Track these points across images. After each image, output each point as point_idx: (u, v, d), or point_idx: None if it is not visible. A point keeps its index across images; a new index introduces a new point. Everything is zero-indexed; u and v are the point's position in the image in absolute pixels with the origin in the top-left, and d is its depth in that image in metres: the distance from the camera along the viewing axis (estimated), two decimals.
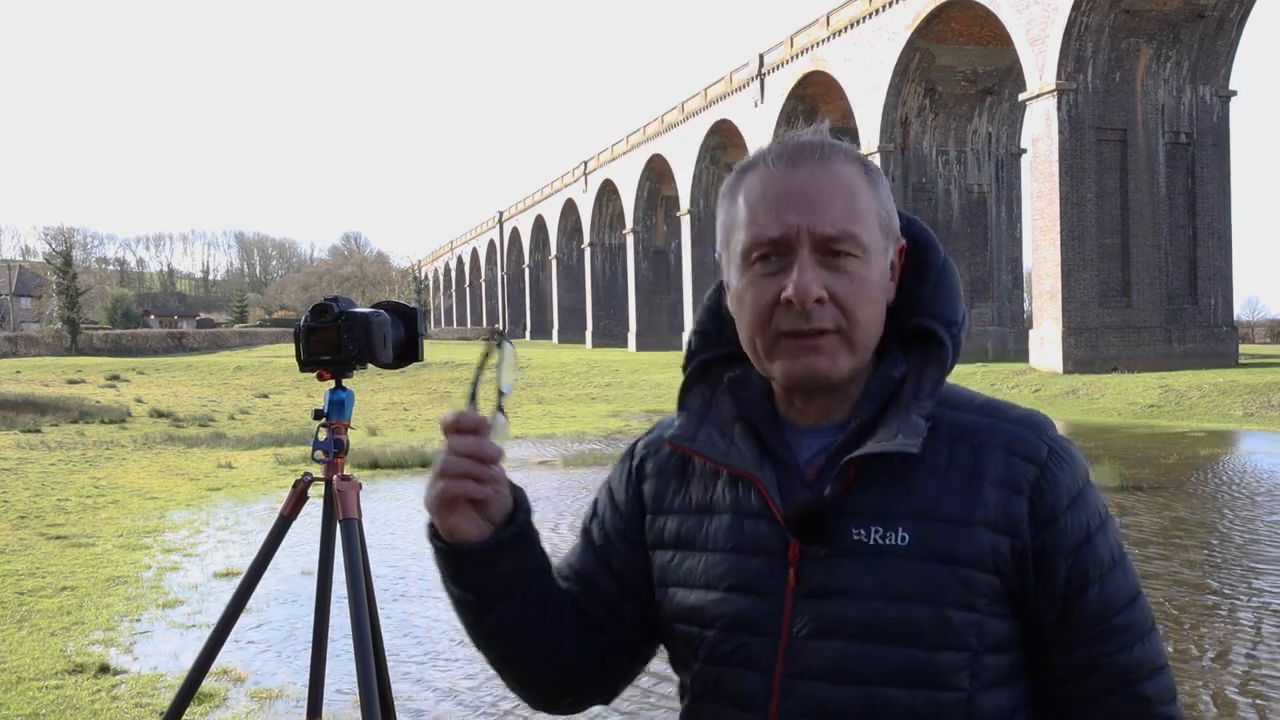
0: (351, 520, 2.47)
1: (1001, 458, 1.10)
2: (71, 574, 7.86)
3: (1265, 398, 20.76)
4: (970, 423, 1.13)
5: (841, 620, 1.08)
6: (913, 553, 1.07)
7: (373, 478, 13.49)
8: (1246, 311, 75.93)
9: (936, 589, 1.07)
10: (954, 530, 1.08)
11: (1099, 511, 1.13)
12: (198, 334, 73.12)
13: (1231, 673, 5.39)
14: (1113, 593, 1.11)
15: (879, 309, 1.13)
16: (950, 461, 1.10)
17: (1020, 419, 1.14)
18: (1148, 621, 1.13)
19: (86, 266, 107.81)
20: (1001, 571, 1.08)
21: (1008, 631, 1.10)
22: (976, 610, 1.08)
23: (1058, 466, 1.11)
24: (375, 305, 2.54)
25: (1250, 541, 8.71)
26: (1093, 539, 1.11)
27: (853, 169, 1.12)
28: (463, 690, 5.28)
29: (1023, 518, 1.09)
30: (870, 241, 1.11)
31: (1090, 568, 1.10)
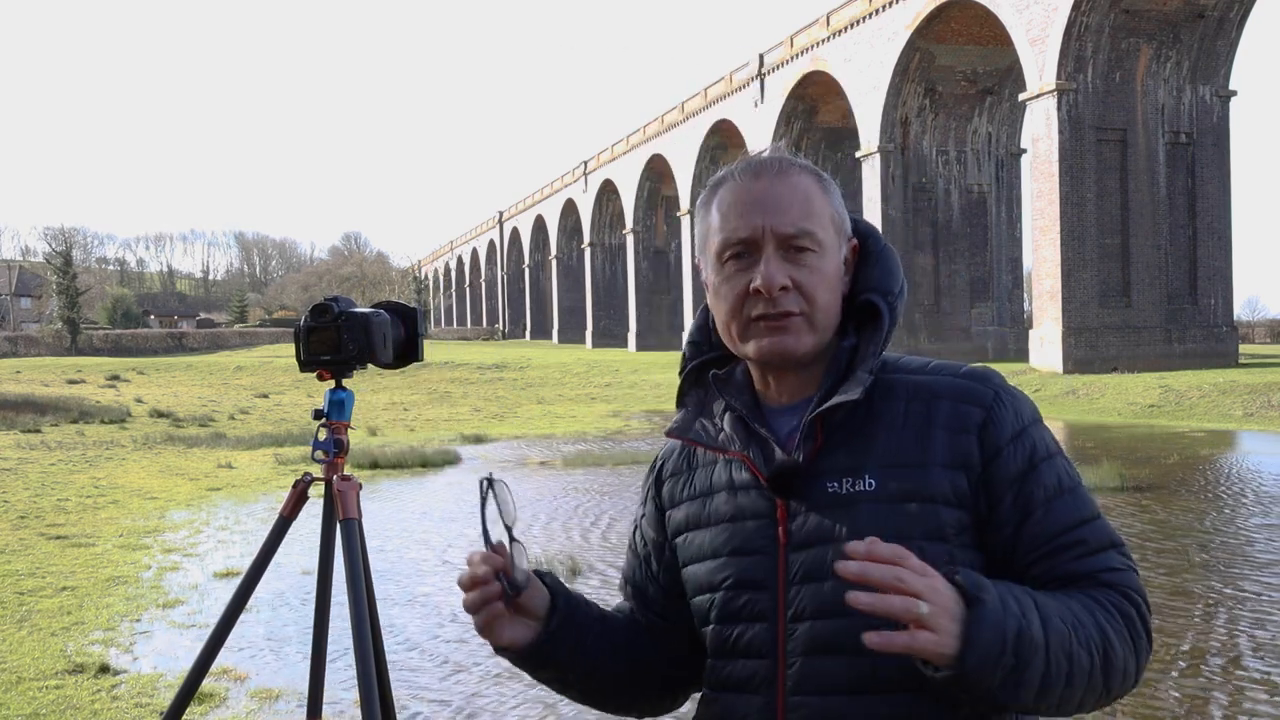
0: (351, 520, 2.47)
1: (950, 405, 1.27)
2: (71, 574, 7.86)
3: (1265, 398, 20.76)
4: (923, 381, 1.30)
5: (823, 564, 1.22)
6: (879, 495, 1.23)
7: (373, 478, 13.49)
8: (1246, 311, 76.01)
9: (905, 524, 1.21)
10: (913, 472, 1.24)
11: (1045, 446, 1.27)
12: (198, 334, 73.13)
13: (1231, 672, 5.39)
14: (1060, 515, 1.23)
15: (835, 296, 1.32)
16: (906, 416, 1.27)
17: (968, 373, 1.31)
18: (1104, 540, 1.24)
19: (86, 266, 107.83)
20: (963, 504, 1.24)
21: (977, 562, 1.23)
22: (946, 541, 1.22)
23: (1001, 407, 1.27)
24: (375, 305, 2.53)
25: (1250, 541, 8.71)
26: (1036, 468, 1.24)
27: (808, 179, 1.32)
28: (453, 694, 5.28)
29: (973, 453, 1.24)
30: (825, 238, 1.30)
31: (1035, 492, 1.23)
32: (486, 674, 5.52)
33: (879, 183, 36.87)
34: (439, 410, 27.80)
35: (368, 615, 2.36)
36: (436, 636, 6.28)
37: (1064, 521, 1.23)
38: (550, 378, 40.00)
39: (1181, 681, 5.25)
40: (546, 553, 8.46)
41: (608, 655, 1.40)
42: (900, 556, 1.08)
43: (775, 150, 1.36)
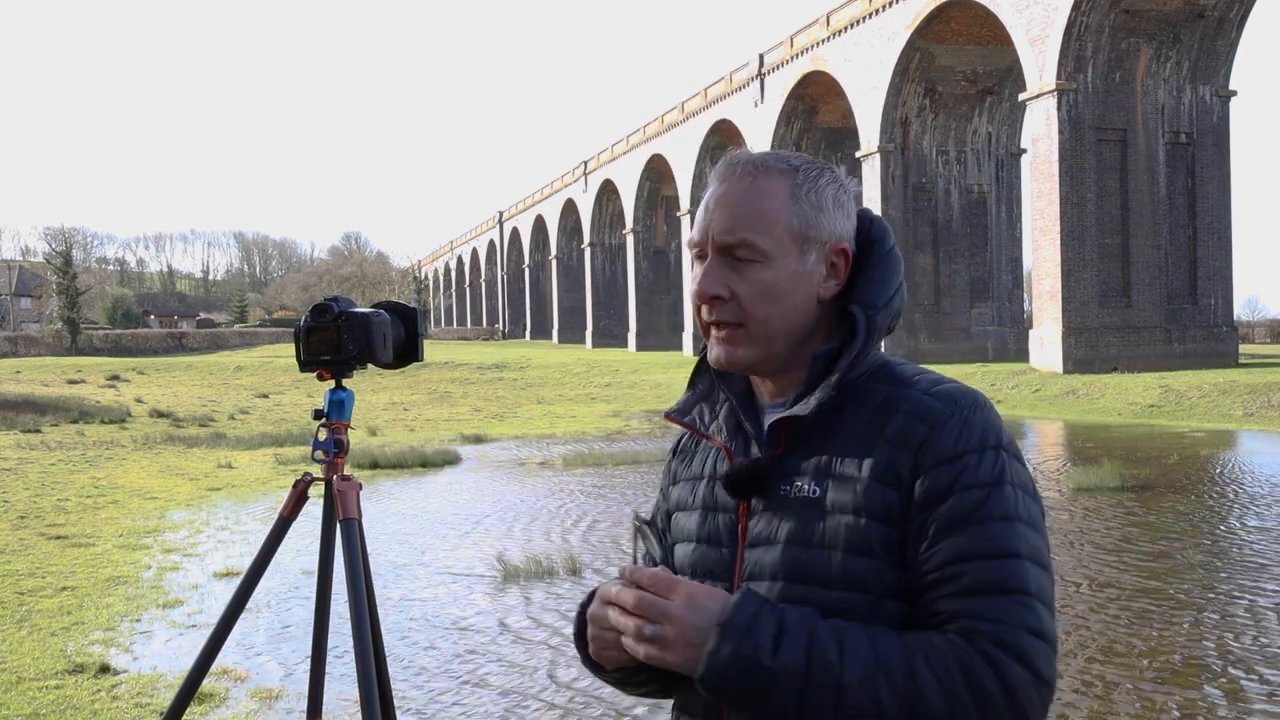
0: (351, 520, 2.47)
1: (902, 420, 1.23)
2: (71, 574, 7.86)
3: (1265, 398, 20.76)
4: (892, 394, 1.27)
5: (766, 564, 1.25)
6: (819, 503, 1.23)
7: (373, 478, 13.50)
8: (1246, 311, 75.96)
9: (839, 536, 1.21)
10: (851, 484, 1.22)
11: (977, 475, 1.19)
12: (198, 334, 73.13)
13: (1230, 672, 5.39)
14: (951, 546, 1.16)
15: (785, 307, 1.28)
16: (866, 426, 1.25)
17: (936, 392, 1.25)
18: (1001, 584, 1.14)
19: (86, 266, 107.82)
20: (893, 522, 1.20)
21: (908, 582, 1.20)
22: (874, 557, 1.20)
23: (947, 427, 1.21)
24: (375, 305, 2.53)
25: (1249, 541, 8.71)
26: (952, 495, 1.18)
27: (777, 183, 1.29)
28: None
29: (904, 470, 1.20)
30: (772, 248, 1.27)
31: (937, 520, 1.18)
32: (453, 677, 5.52)
33: (879, 183, 36.87)
34: (439, 410, 27.80)
35: (368, 615, 2.36)
36: (405, 638, 6.28)
37: (951, 552, 1.16)
38: (550, 378, 40.00)
39: (1182, 682, 5.25)
40: (545, 551, 8.46)
41: None
42: (645, 581, 1.17)
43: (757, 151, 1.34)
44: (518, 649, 5.97)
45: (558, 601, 7.02)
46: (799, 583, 1.22)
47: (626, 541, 9.15)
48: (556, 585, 7.48)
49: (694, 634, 1.15)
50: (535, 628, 6.40)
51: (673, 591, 1.17)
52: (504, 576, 7.69)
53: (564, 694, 5.19)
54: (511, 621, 6.57)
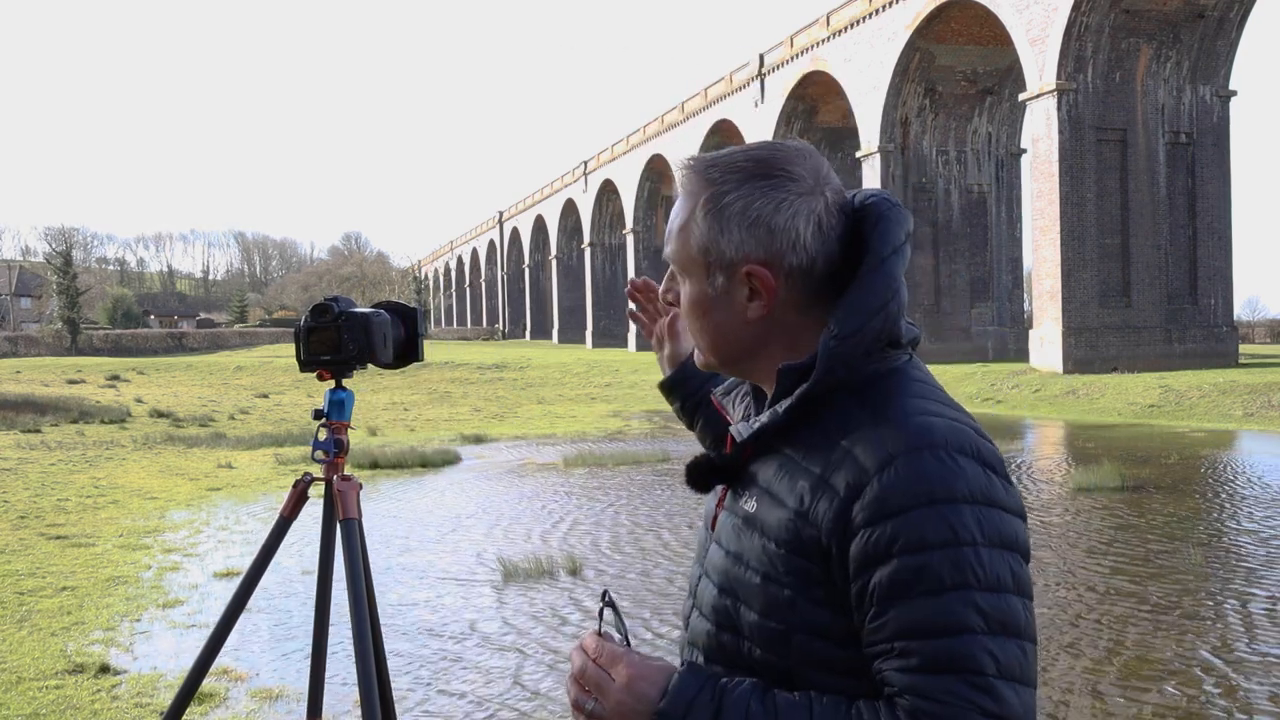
0: (351, 520, 2.47)
1: (843, 457, 1.12)
2: (71, 574, 7.86)
3: (1265, 398, 20.75)
4: (854, 418, 1.15)
5: (713, 565, 1.25)
6: (753, 520, 1.19)
7: (373, 478, 13.49)
8: (1246, 311, 75.94)
9: (761, 558, 1.17)
10: (777, 509, 1.17)
11: (922, 537, 1.06)
12: (198, 334, 73.13)
13: (1228, 672, 5.39)
14: (895, 619, 1.06)
15: (706, 324, 1.24)
16: (815, 449, 1.16)
17: (892, 425, 1.12)
18: (945, 662, 1.04)
19: (86, 266, 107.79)
20: (813, 559, 1.12)
21: (832, 623, 1.12)
22: (789, 588, 1.14)
23: (888, 480, 1.08)
24: (375, 305, 2.53)
25: (1249, 541, 8.71)
26: (889, 559, 1.06)
27: (690, 198, 1.23)
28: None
29: (827, 517, 1.11)
30: (684, 265, 1.25)
31: (878, 587, 1.07)
32: (434, 680, 5.52)
33: (879, 183, 36.85)
34: (439, 410, 27.80)
35: (368, 615, 2.36)
36: (405, 634, 6.28)
37: (895, 626, 1.06)
38: (550, 378, 39.99)
39: (1184, 682, 5.25)
40: (545, 551, 8.46)
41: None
42: (590, 650, 1.16)
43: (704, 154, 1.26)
44: (517, 647, 5.97)
45: (559, 600, 7.02)
46: (728, 596, 1.20)
47: (625, 547, 9.15)
48: (557, 585, 7.48)
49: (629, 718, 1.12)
50: (539, 625, 6.40)
51: (614, 668, 1.13)
52: (505, 576, 7.69)
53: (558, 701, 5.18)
54: (515, 620, 6.56)
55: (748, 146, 1.24)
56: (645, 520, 10.18)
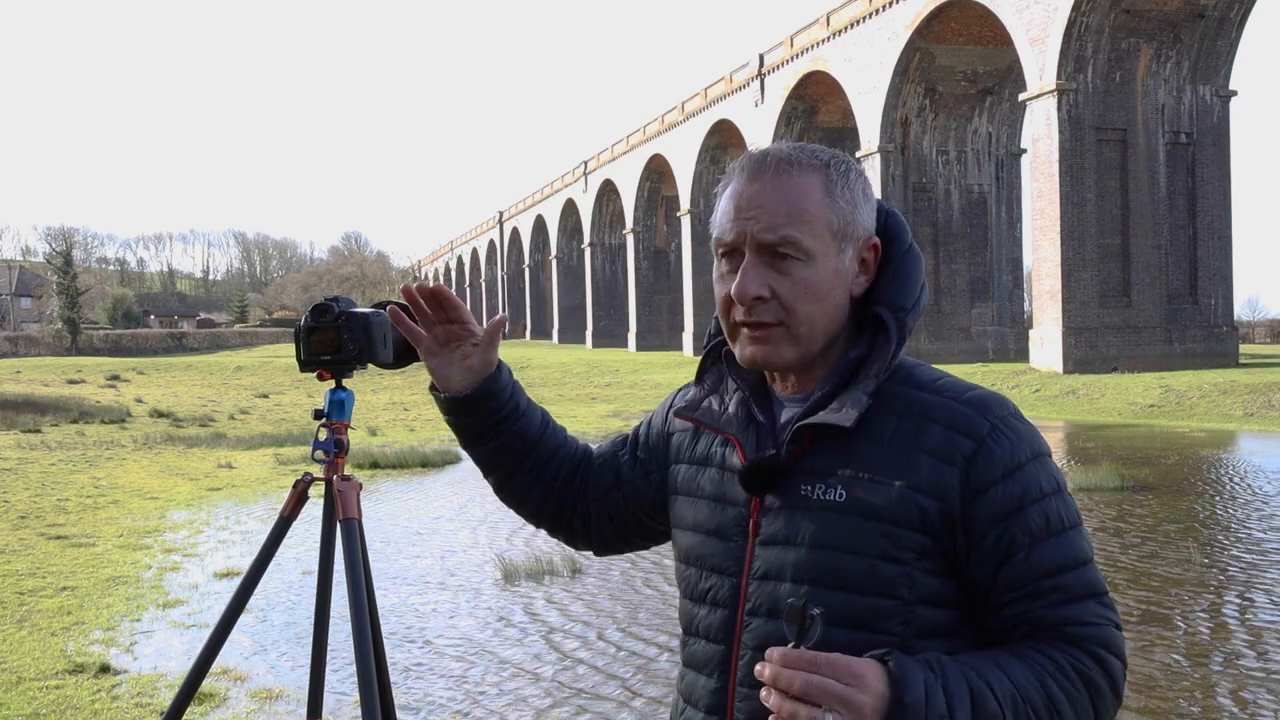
0: (352, 520, 2.47)
1: (940, 432, 1.22)
2: (72, 574, 7.86)
3: (1265, 398, 20.75)
4: (921, 400, 1.25)
5: (784, 564, 1.24)
6: (847, 508, 1.21)
7: (373, 478, 13.50)
8: (1246, 311, 75.91)
9: (866, 541, 1.20)
10: (884, 490, 1.21)
11: (1039, 486, 1.21)
12: (198, 334, 73.15)
13: (1226, 673, 5.39)
14: (1040, 560, 1.19)
15: (826, 305, 1.26)
16: (895, 433, 1.23)
17: (970, 400, 1.25)
18: (1084, 589, 1.20)
19: (86, 266, 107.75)
20: (931, 531, 1.20)
21: (944, 589, 1.22)
22: (905, 564, 1.20)
23: (995, 442, 1.21)
24: (375, 305, 2.53)
25: (1248, 541, 8.71)
26: (1024, 510, 1.19)
27: (810, 179, 1.26)
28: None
29: (954, 486, 1.20)
30: (814, 246, 1.25)
31: (1019, 536, 1.19)
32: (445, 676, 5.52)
33: (879, 183, 36.85)
34: (439, 410, 27.78)
35: (368, 615, 2.35)
36: (409, 629, 6.28)
37: (1044, 566, 1.19)
38: (550, 378, 39.99)
39: (1185, 683, 5.25)
40: (545, 551, 8.46)
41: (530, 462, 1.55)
42: (814, 663, 1.06)
43: (781, 145, 1.31)
44: (522, 647, 5.97)
45: (560, 601, 7.02)
46: (826, 588, 1.21)
47: None
48: (558, 584, 7.48)
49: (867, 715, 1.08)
50: (539, 624, 6.40)
51: (839, 673, 1.07)
52: (505, 576, 7.69)
53: (565, 689, 5.18)
54: (517, 620, 6.56)
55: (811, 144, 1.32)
56: None
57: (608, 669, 5.61)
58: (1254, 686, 5.19)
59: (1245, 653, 5.71)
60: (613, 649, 5.97)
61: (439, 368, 1.57)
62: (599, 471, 1.57)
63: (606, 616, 6.66)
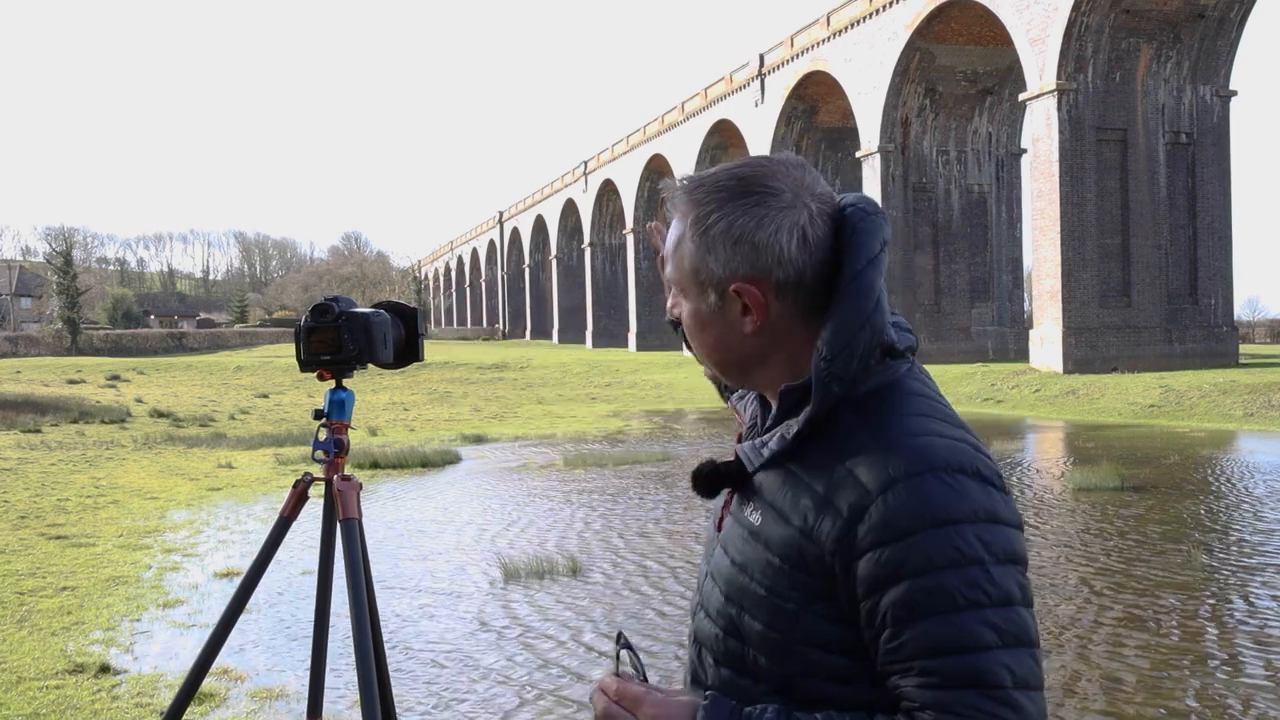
0: (352, 520, 2.47)
1: (845, 477, 1.15)
2: (72, 574, 7.86)
3: (1265, 398, 20.75)
4: (855, 437, 1.18)
5: (719, 570, 1.28)
6: (759, 534, 1.22)
7: (373, 478, 13.50)
8: (1246, 311, 75.91)
9: (763, 571, 1.20)
10: (782, 526, 1.19)
11: (929, 558, 1.09)
12: (198, 334, 73.14)
13: (1225, 674, 5.39)
14: (915, 639, 1.09)
15: (708, 338, 1.27)
16: (817, 466, 1.19)
17: (893, 448, 1.14)
18: (967, 677, 1.08)
19: (87, 266, 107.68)
20: (815, 575, 1.15)
21: (837, 635, 1.15)
22: (792, 602, 1.17)
23: (890, 503, 1.10)
24: (375, 305, 2.53)
25: (1248, 542, 8.71)
26: (899, 581, 1.09)
27: (680, 221, 1.26)
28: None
29: (829, 536, 1.14)
30: (682, 283, 1.27)
31: (889, 610, 1.10)
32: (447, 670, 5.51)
33: (879, 183, 36.87)
34: (439, 410, 27.79)
35: (368, 615, 2.36)
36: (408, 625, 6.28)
37: (917, 646, 1.09)
38: (550, 378, 39.98)
39: (1188, 684, 5.25)
40: (545, 552, 8.46)
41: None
42: (612, 693, 1.18)
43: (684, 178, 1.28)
44: (522, 646, 5.97)
45: (558, 600, 7.02)
46: (734, 604, 1.23)
47: (624, 548, 9.15)
48: (558, 585, 7.49)
49: None
50: (541, 625, 6.40)
51: (638, 709, 1.16)
52: (505, 576, 7.70)
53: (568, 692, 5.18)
54: (518, 620, 6.56)
55: (732, 164, 1.26)
56: (646, 520, 10.18)
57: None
58: (1259, 688, 5.19)
59: (1240, 651, 5.70)
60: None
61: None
62: None
63: (618, 612, 6.66)
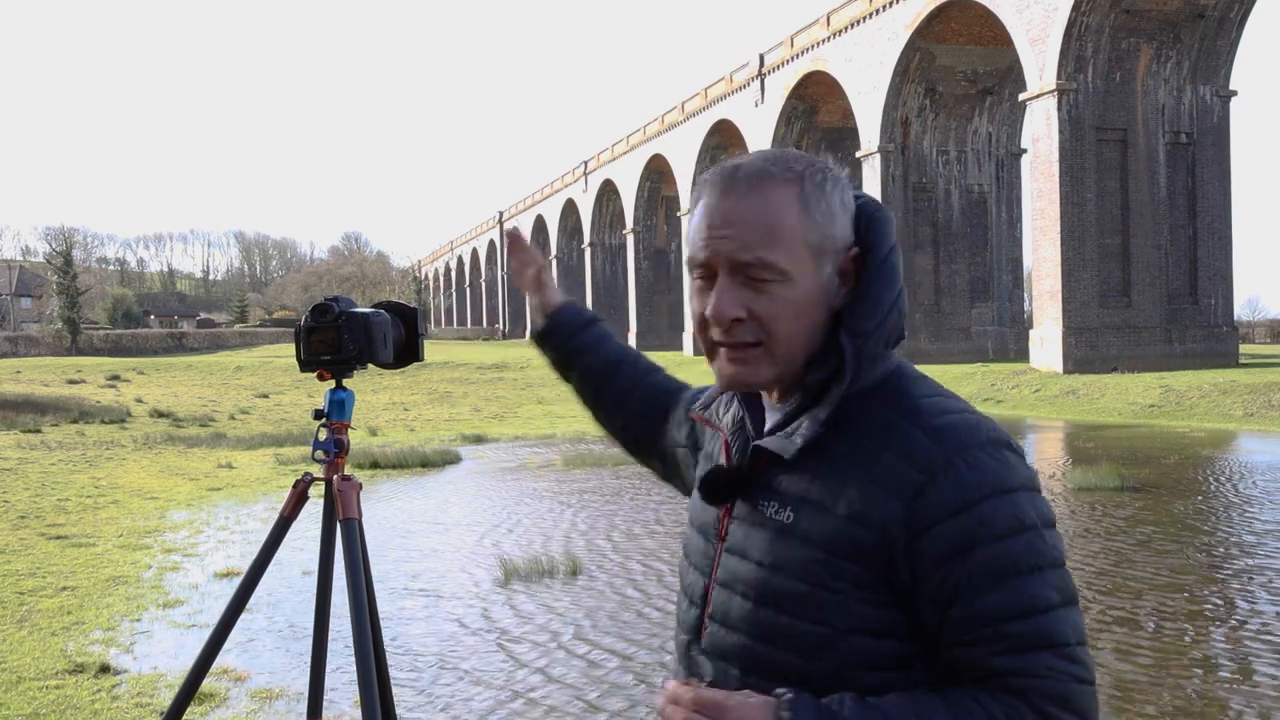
0: (352, 520, 2.47)
1: (891, 461, 1.16)
2: (72, 574, 7.86)
3: (1265, 398, 20.75)
4: (886, 422, 1.20)
5: (736, 577, 1.24)
6: (793, 530, 1.19)
7: (373, 478, 13.50)
8: (1246, 311, 75.96)
9: (805, 567, 1.18)
10: (825, 518, 1.18)
11: (994, 526, 1.13)
12: (198, 334, 73.12)
13: (1224, 675, 5.39)
14: (986, 607, 1.12)
15: (804, 323, 1.22)
16: (850, 457, 1.19)
17: (934, 427, 1.17)
18: (1036, 639, 1.12)
19: (87, 266, 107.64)
20: (868, 563, 1.16)
21: (888, 621, 1.17)
22: (840, 593, 1.16)
23: (947, 477, 1.14)
24: (375, 305, 2.53)
25: (1248, 542, 8.71)
26: (972, 551, 1.12)
27: (784, 193, 1.21)
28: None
29: (895, 521, 1.14)
30: (791, 265, 1.19)
31: (962, 579, 1.12)
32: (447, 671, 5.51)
33: (879, 183, 36.88)
34: (439, 410, 27.79)
35: (368, 615, 2.36)
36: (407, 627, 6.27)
37: (988, 613, 1.12)
38: (551, 378, 39.68)
39: (1189, 684, 5.25)
40: (545, 552, 8.46)
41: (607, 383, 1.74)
42: (698, 702, 1.12)
43: (754, 156, 1.26)
44: (526, 646, 5.97)
45: (561, 601, 7.02)
46: (768, 607, 1.20)
47: (626, 539, 9.15)
48: (558, 585, 7.49)
49: None
50: (542, 625, 6.40)
51: (724, 715, 1.12)
52: (505, 576, 7.70)
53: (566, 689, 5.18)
54: (518, 619, 6.56)
55: (785, 151, 1.27)
56: (645, 520, 10.19)
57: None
58: (1261, 688, 5.18)
59: (1239, 652, 5.70)
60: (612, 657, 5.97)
61: (533, 310, 1.85)
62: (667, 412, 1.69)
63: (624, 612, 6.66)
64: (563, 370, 1.79)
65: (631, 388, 1.73)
